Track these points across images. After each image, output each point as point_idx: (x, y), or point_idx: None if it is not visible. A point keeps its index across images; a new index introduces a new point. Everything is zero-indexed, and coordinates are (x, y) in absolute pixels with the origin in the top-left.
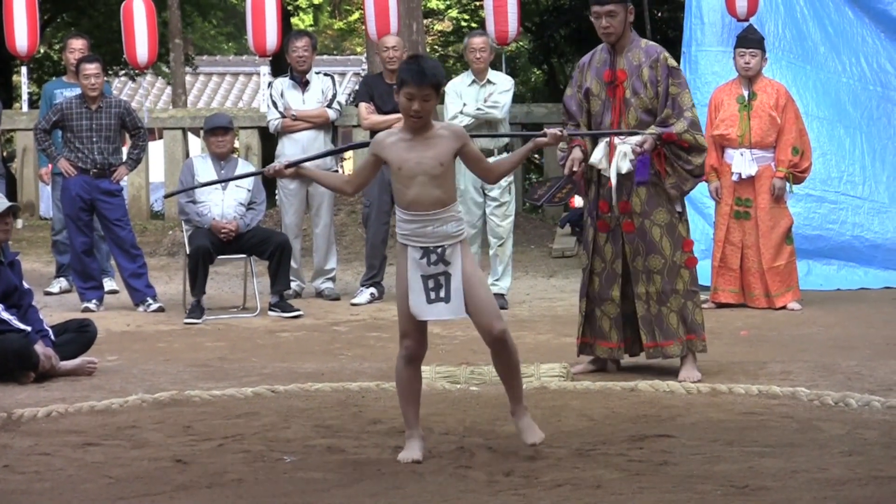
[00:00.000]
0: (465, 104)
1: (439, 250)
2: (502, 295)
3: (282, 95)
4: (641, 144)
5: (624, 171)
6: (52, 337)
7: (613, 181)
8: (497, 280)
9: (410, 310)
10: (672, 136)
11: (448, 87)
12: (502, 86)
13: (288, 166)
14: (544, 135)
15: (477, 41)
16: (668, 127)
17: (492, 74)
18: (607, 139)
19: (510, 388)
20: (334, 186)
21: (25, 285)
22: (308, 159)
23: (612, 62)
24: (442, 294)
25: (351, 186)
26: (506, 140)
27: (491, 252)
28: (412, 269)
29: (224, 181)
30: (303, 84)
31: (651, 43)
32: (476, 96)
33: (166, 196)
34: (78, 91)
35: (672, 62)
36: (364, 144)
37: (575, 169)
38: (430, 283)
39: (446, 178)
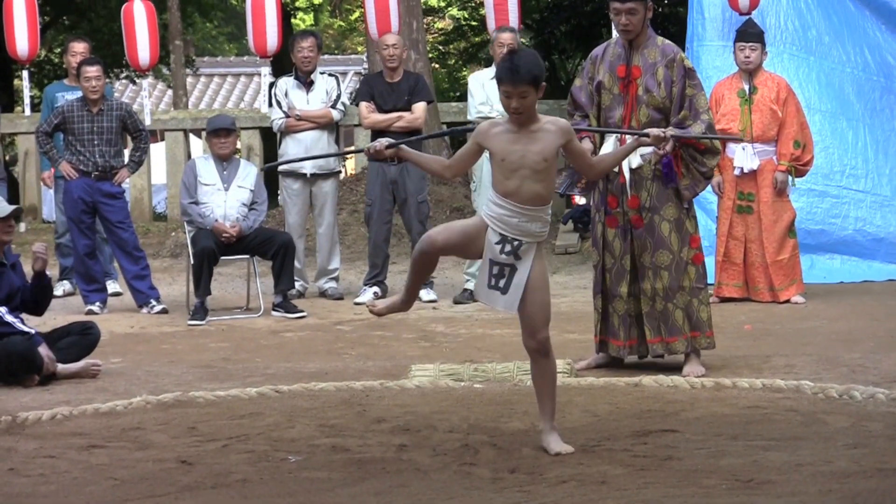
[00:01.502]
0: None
1: (515, 243)
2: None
3: (286, 95)
4: (663, 147)
5: (634, 165)
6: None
7: (627, 176)
8: None
9: (473, 287)
10: (691, 139)
11: (472, 79)
12: None
13: (388, 147)
14: (647, 135)
15: (505, 36)
16: (685, 129)
17: None
18: (618, 134)
19: (542, 403)
20: (434, 170)
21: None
22: (407, 141)
23: (628, 58)
24: (501, 284)
25: (450, 171)
26: None
27: None
28: (486, 250)
29: (327, 156)
30: (307, 84)
31: (668, 42)
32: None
33: (264, 169)
34: (79, 94)
35: (689, 63)
36: (466, 130)
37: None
38: (495, 270)
39: (549, 173)
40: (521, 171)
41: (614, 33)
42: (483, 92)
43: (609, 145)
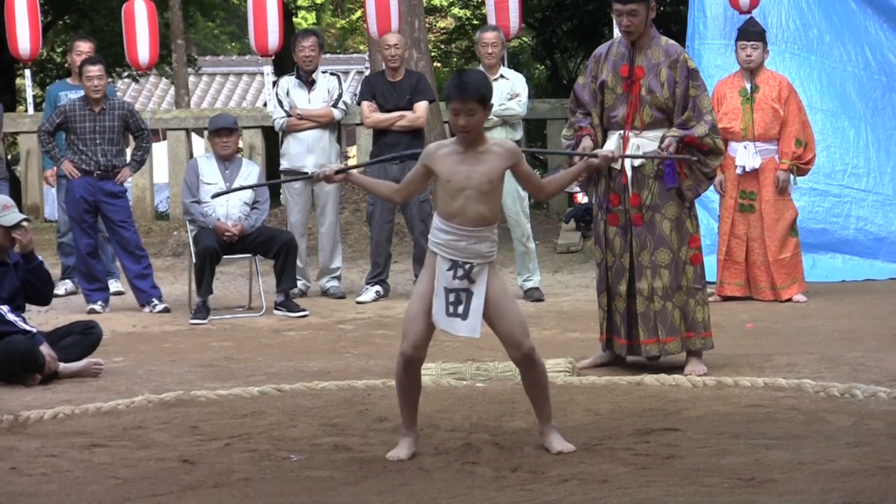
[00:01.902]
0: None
1: (467, 266)
2: (537, 288)
3: (287, 94)
4: (666, 147)
5: (637, 164)
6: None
7: (629, 175)
8: (530, 276)
9: (432, 316)
10: (694, 139)
11: None
12: (519, 82)
13: (338, 172)
14: (595, 156)
15: (488, 36)
16: (689, 129)
17: (503, 70)
18: (620, 132)
19: (538, 407)
20: (383, 195)
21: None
22: (357, 167)
23: (631, 58)
24: (460, 310)
25: (399, 195)
26: (519, 135)
27: (520, 251)
28: (438, 279)
29: (268, 184)
30: (309, 83)
31: (671, 42)
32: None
33: (213, 197)
34: (82, 93)
35: (692, 64)
36: (416, 154)
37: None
38: (451, 297)
39: (493, 195)
40: (466, 191)
41: (616, 32)
42: None
43: (611, 143)
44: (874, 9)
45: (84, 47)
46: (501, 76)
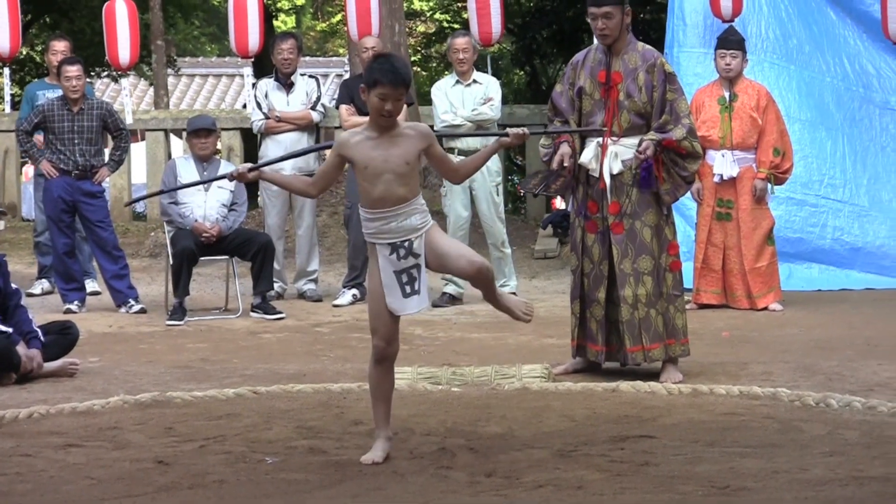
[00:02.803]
0: (454, 109)
1: (406, 244)
2: (514, 293)
3: (266, 96)
4: (644, 151)
5: (615, 171)
6: (42, 338)
7: (608, 182)
8: (506, 281)
9: (389, 307)
10: (672, 143)
11: (434, 89)
12: (493, 86)
13: (251, 170)
14: (507, 135)
15: (460, 42)
16: (666, 133)
17: (476, 75)
18: (599, 139)
19: (487, 293)
20: (297, 190)
21: (13, 286)
22: (271, 162)
23: (608, 63)
24: (417, 287)
25: (315, 188)
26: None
27: (495, 256)
28: (384, 267)
29: (192, 185)
30: (287, 85)
31: (648, 47)
32: (462, 97)
33: (140, 199)
34: (60, 93)
35: (669, 68)
36: (329, 146)
37: (566, 164)
38: (404, 278)
39: (412, 175)
40: (385, 175)
41: (595, 39)
42: (446, 100)
43: (590, 151)
44: (854, 19)
45: (60, 46)
46: (474, 81)
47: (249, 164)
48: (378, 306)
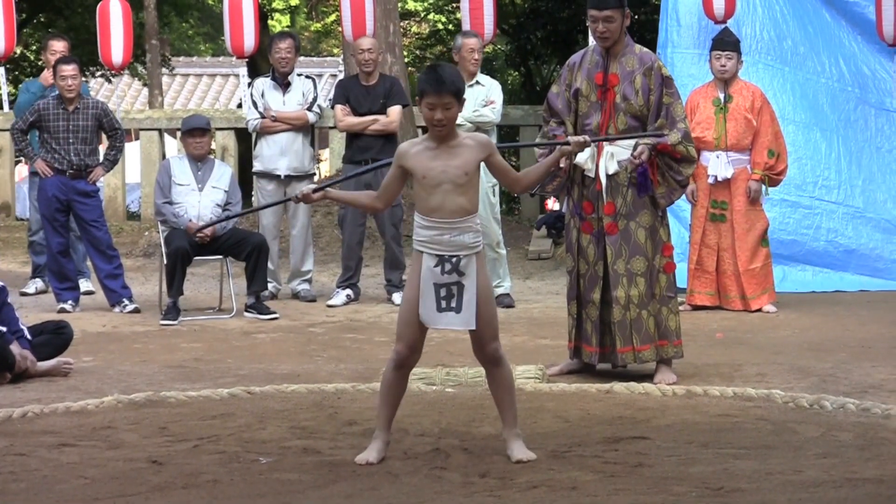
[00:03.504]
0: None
1: (454, 260)
2: (508, 294)
3: (262, 96)
4: (639, 155)
5: (611, 172)
6: (29, 336)
7: (604, 182)
8: (501, 282)
9: (420, 317)
10: (667, 147)
11: None
12: (494, 88)
13: (315, 191)
14: (568, 143)
15: (472, 42)
16: (662, 137)
17: (479, 76)
18: (594, 145)
19: (503, 411)
20: (364, 205)
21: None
22: (333, 183)
23: (606, 65)
24: (453, 304)
25: (381, 202)
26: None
27: (490, 257)
28: (425, 277)
29: (259, 209)
30: (284, 85)
31: (646, 50)
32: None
33: (196, 231)
34: (56, 92)
35: (666, 72)
36: (388, 163)
37: (562, 165)
38: (443, 293)
39: (471, 186)
40: (444, 185)
41: (591, 40)
42: None
43: (585, 152)
44: (848, 20)
45: (58, 46)
46: (477, 82)
47: (314, 186)
48: (410, 315)
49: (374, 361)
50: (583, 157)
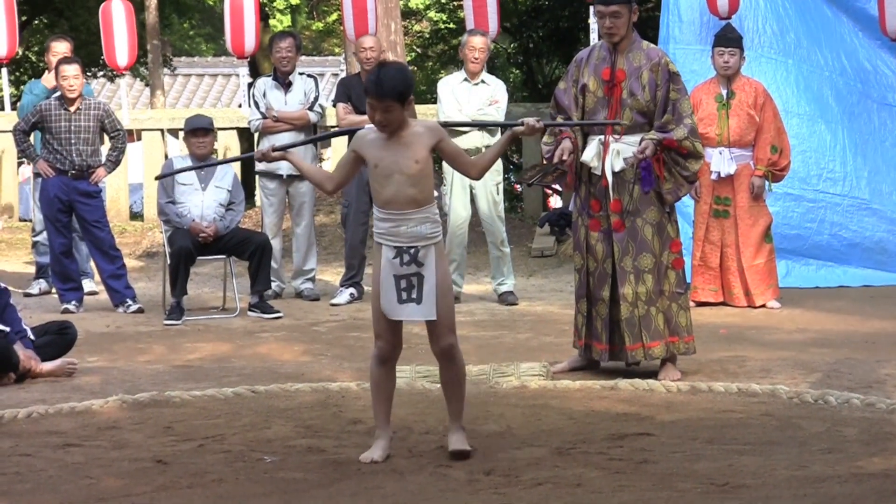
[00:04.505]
0: (460, 107)
1: (412, 251)
2: (511, 292)
3: (264, 95)
4: (643, 150)
5: (617, 169)
6: (32, 336)
7: (610, 180)
8: (504, 280)
9: (382, 308)
10: (672, 143)
11: (441, 84)
12: (500, 88)
13: (275, 149)
14: (521, 124)
15: (477, 40)
16: (668, 132)
17: (484, 75)
18: (601, 137)
19: (450, 404)
20: (316, 180)
21: (2, 284)
22: (295, 145)
23: (613, 61)
24: (413, 295)
25: (332, 183)
26: (496, 137)
27: (494, 255)
28: (385, 269)
29: (213, 164)
30: (285, 85)
31: (653, 46)
32: (468, 96)
33: (157, 178)
34: (59, 92)
35: (673, 67)
36: (353, 131)
37: (565, 158)
38: (402, 284)
39: (423, 176)
40: (395, 176)
41: (593, 38)
42: (452, 98)
43: (592, 149)
44: (850, 16)
45: (60, 48)
46: (482, 81)
47: (278, 145)
48: (378, 306)
49: None
50: (589, 155)
